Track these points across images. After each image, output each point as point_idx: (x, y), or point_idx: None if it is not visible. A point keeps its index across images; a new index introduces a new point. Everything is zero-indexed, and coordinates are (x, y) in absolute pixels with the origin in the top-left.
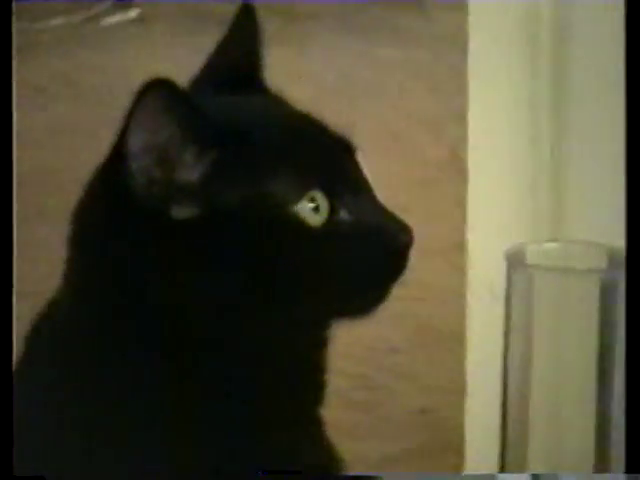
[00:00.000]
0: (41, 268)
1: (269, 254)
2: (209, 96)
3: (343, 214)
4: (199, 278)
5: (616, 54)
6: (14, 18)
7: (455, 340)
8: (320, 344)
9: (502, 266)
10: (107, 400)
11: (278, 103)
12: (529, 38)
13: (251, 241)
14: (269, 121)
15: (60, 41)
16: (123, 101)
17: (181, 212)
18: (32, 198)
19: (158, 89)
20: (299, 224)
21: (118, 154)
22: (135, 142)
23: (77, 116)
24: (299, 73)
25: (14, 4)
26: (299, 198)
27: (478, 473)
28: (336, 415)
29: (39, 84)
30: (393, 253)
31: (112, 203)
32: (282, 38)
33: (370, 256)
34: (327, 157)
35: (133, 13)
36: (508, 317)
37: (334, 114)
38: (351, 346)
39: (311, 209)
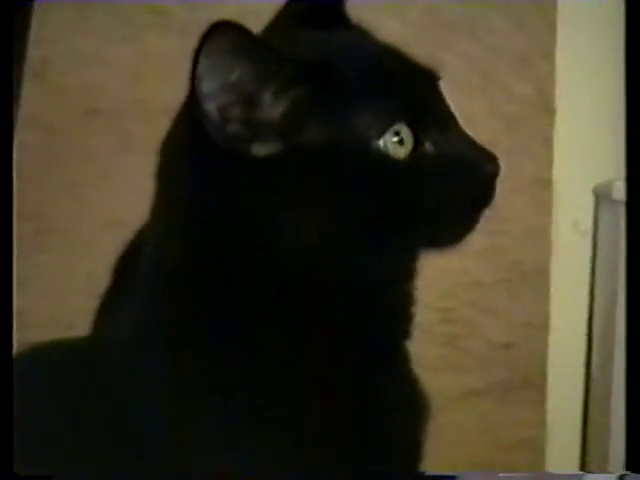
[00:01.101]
0: (130, 197)
1: (354, 188)
2: (292, 31)
3: (428, 146)
4: (281, 215)
5: None
6: None
7: (541, 276)
8: (409, 276)
9: (589, 202)
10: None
11: (362, 36)
12: None
13: (335, 176)
14: (353, 55)
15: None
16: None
17: (261, 149)
18: (121, 127)
19: (223, 30)
20: (383, 157)
21: (192, 95)
22: (207, 84)
23: (166, 46)
24: (384, 8)
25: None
26: (383, 132)
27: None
28: (421, 348)
29: (127, 15)
30: (480, 183)
31: (192, 141)
32: None
33: (457, 186)
34: (412, 90)
35: None
36: (594, 252)
37: (419, 49)
38: (436, 279)
39: (395, 142)
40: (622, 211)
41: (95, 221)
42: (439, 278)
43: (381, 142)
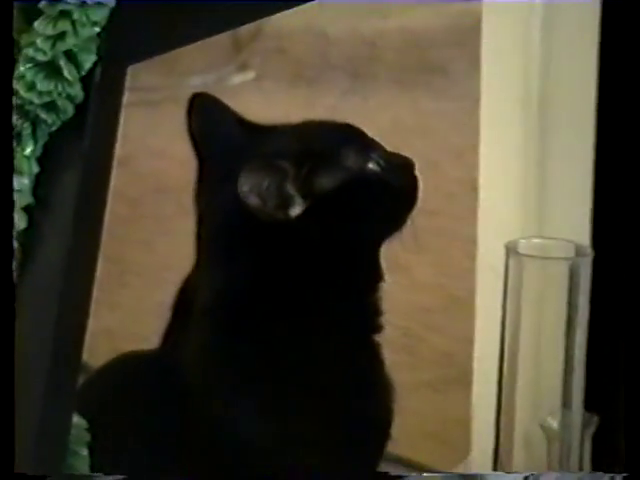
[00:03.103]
0: (183, 249)
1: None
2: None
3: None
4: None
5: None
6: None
7: (469, 306)
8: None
9: (502, 254)
10: None
11: None
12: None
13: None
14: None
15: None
16: None
17: (295, 211)
18: (180, 200)
19: (250, 170)
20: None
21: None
22: (246, 188)
23: None
24: (362, 116)
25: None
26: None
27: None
28: (385, 354)
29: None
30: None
31: (241, 221)
32: (352, 92)
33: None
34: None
35: (250, 75)
36: (505, 292)
37: (389, 145)
38: (396, 305)
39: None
40: (524, 261)
41: (161, 265)
42: (398, 305)
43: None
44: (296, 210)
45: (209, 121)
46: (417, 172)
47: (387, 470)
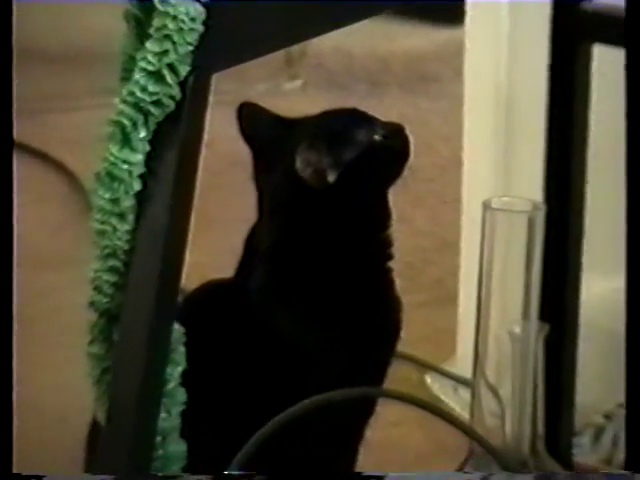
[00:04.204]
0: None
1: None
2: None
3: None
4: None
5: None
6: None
7: (455, 247)
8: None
9: (480, 209)
10: None
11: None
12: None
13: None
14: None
15: (260, 98)
16: None
17: (332, 177)
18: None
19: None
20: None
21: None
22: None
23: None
24: (377, 113)
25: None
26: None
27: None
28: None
29: None
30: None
31: (295, 186)
32: (370, 95)
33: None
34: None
35: (298, 83)
36: (482, 236)
37: None
38: (402, 246)
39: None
40: (496, 214)
41: (235, 217)
42: (404, 247)
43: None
44: (332, 177)
45: (253, 122)
46: (408, 132)
47: (394, 363)
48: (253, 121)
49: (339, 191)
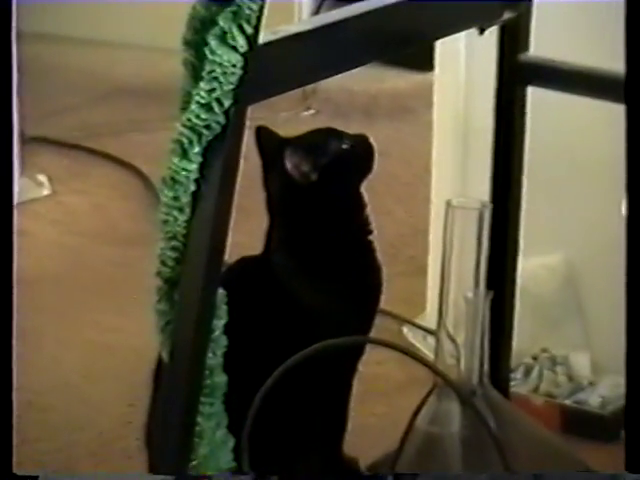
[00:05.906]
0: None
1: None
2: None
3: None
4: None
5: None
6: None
7: (426, 233)
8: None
9: (443, 206)
10: None
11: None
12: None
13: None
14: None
15: (283, 124)
16: None
17: (314, 176)
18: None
19: (291, 154)
20: None
21: (281, 168)
22: (290, 165)
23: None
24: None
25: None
26: None
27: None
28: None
29: None
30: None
31: (287, 183)
32: (366, 123)
33: None
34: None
35: (312, 112)
36: (445, 226)
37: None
38: (384, 232)
39: None
40: (456, 210)
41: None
42: (386, 232)
43: None
44: (314, 176)
45: (264, 140)
46: (371, 141)
47: (378, 318)
48: (264, 139)
49: (322, 186)
